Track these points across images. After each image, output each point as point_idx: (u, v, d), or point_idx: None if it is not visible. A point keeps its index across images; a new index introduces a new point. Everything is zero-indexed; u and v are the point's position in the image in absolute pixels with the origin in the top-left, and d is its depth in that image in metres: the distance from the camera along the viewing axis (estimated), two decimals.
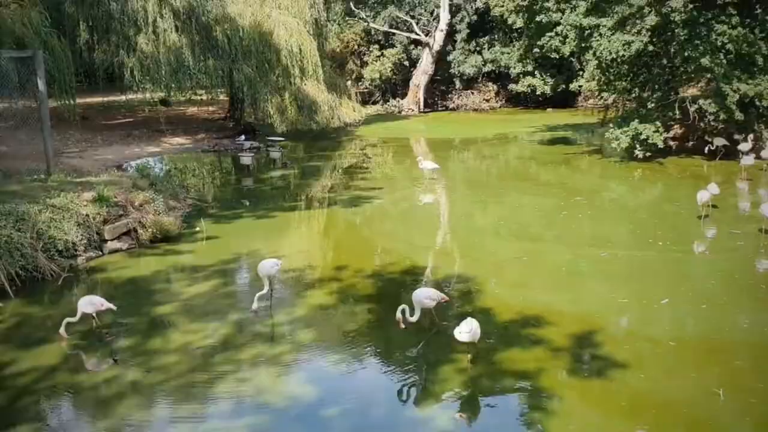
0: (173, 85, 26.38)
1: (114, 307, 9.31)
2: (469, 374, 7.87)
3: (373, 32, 42.27)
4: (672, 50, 21.40)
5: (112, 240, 12.73)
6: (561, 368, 7.95)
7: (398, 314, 8.53)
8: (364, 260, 12.37)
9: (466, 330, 7.83)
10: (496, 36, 40.91)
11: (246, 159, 22.50)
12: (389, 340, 8.82)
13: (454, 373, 7.91)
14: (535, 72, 38.77)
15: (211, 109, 35.87)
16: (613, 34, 21.02)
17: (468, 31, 40.68)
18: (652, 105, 22.00)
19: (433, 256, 12.86)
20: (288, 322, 9.51)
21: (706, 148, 21.18)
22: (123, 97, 28.57)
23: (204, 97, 31.79)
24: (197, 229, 14.32)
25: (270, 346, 8.74)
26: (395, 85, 42.98)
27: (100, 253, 12.46)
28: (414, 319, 8.59)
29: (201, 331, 9.17)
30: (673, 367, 8.08)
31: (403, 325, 8.50)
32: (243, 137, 26.83)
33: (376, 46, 42.03)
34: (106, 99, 32.86)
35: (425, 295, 8.84)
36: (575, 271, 11.63)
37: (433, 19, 41.31)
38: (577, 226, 14.47)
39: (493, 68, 40.87)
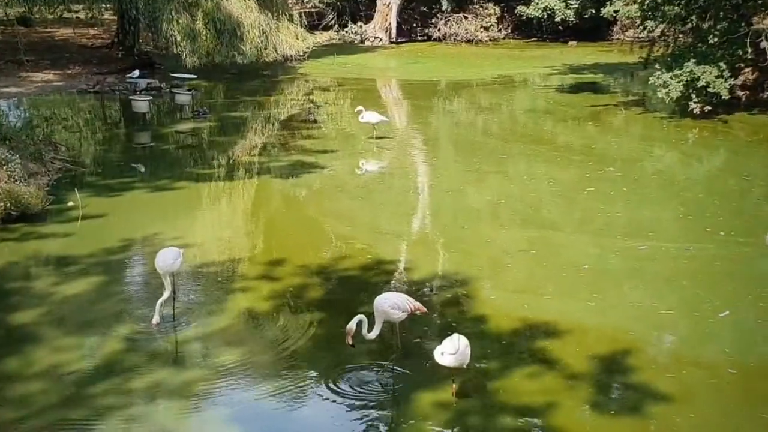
0: None
1: None
2: (453, 410, 7.95)
3: None
4: None
5: None
6: (580, 402, 8.09)
7: (351, 325, 8.36)
8: (308, 252, 12.36)
9: (451, 350, 7.89)
10: None
11: (141, 105, 22.26)
12: (343, 363, 8.85)
13: (433, 409, 7.98)
14: None
15: (91, 32, 35.28)
16: None
17: None
18: (715, 40, 22.25)
19: (407, 248, 12.93)
20: (200, 337, 9.49)
21: None
22: None
23: (81, 15, 31.31)
24: (70, 203, 14.16)
25: (174, 371, 8.71)
26: (356, 4, 42.84)
27: None
28: (372, 335, 8.55)
29: (75, 349, 9.11)
30: (733, 403, 8.28)
31: (350, 342, 8.36)
32: (137, 73, 26.47)
33: None
34: None
35: (391, 304, 8.70)
36: (602, 271, 11.81)
37: None
38: (606, 207, 14.67)
39: None
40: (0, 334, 9.56)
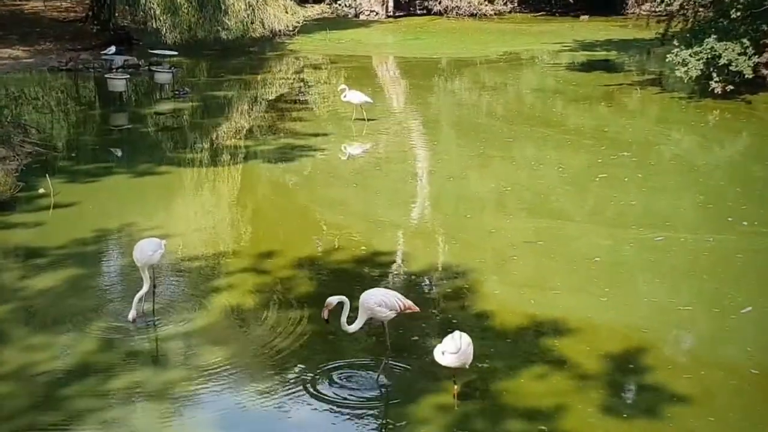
0: None
1: None
2: (455, 414, 7.97)
3: None
4: None
5: None
6: (591, 405, 8.10)
7: (332, 300, 8.36)
8: (298, 243, 12.38)
9: (452, 349, 7.89)
10: None
11: (117, 84, 22.23)
12: (336, 363, 8.85)
13: (433, 411, 8.00)
14: None
15: (64, 5, 35.24)
16: None
17: None
18: (738, 14, 22.22)
19: (405, 239, 12.95)
20: (182, 335, 9.50)
21: None
22: None
23: None
24: (41, 191, 14.16)
25: (153, 372, 8.73)
26: None
27: None
28: (352, 329, 8.50)
29: (46, 348, 9.10)
30: (755, 406, 8.30)
31: (326, 316, 8.38)
32: (113, 50, 26.43)
33: None
34: None
35: (378, 301, 8.59)
36: (615, 264, 11.82)
37: None
38: (620, 195, 14.69)
39: None
40: None
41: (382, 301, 8.55)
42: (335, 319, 8.44)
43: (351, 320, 8.51)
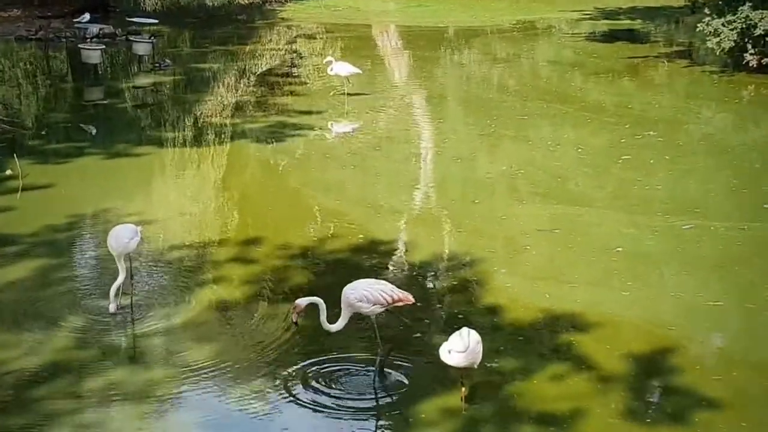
0: None
1: None
2: (462, 418, 7.99)
3: None
4: None
5: None
6: (612, 409, 8.11)
7: (301, 302, 8.32)
8: (290, 231, 12.39)
9: (460, 348, 7.87)
10: None
11: (92, 55, 22.20)
12: (331, 362, 8.87)
13: (439, 416, 8.01)
14: None
15: None
16: None
17: None
18: None
19: (406, 227, 12.98)
20: (163, 331, 9.52)
21: None
22: None
23: None
24: (8, 172, 14.21)
25: (132, 371, 8.75)
26: None
27: None
28: (334, 327, 8.48)
29: (16, 345, 9.13)
30: None
31: (294, 319, 8.39)
32: (87, 17, 26.40)
33: None
34: None
35: (358, 296, 8.48)
36: (639, 254, 11.80)
37: None
38: (645, 179, 14.65)
39: None
40: None
41: (363, 296, 8.47)
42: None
43: (335, 318, 8.48)
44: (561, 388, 8.43)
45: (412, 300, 8.78)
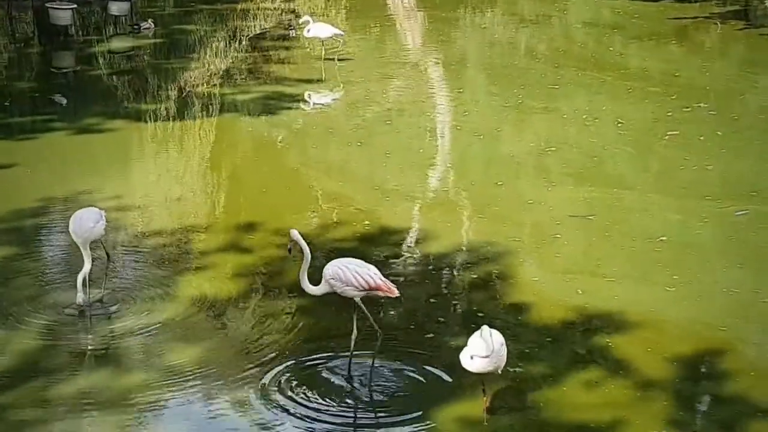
0: None
1: None
2: (484, 431, 8.00)
3: None
4: None
5: None
6: (655, 419, 8.11)
7: (295, 234, 8.68)
8: (287, 217, 12.41)
9: (483, 352, 7.81)
10: None
11: (62, 15, 22.19)
12: (334, 365, 8.92)
13: (458, 427, 8.03)
14: None
15: None
16: None
17: None
18: None
19: (420, 212, 13.01)
20: (143, 330, 9.54)
21: None
22: None
23: None
24: None
25: (108, 375, 8.78)
26: None
27: None
28: (311, 290, 8.73)
29: None
30: None
31: (289, 247, 8.83)
32: None
33: None
34: None
35: (332, 273, 8.56)
36: (686, 244, 11.81)
37: None
38: (693, 158, 14.62)
39: None
40: None
41: (336, 274, 8.56)
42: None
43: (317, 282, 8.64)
44: (596, 396, 8.45)
45: (396, 293, 8.73)
